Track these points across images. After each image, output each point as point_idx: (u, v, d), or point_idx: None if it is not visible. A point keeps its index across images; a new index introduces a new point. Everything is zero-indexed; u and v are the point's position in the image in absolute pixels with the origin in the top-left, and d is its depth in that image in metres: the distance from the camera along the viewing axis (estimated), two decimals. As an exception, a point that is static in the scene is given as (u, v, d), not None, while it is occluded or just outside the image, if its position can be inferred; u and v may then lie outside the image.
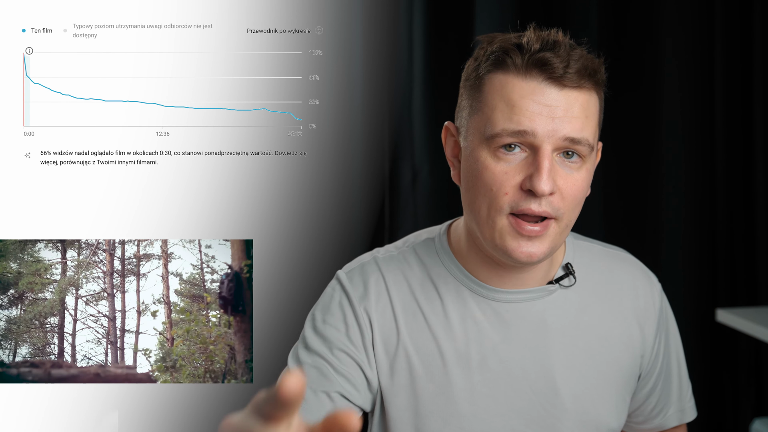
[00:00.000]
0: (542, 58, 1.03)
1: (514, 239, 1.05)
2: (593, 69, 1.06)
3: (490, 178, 1.05)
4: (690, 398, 1.29)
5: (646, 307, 1.21)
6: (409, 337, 1.14)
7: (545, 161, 1.02)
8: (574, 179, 1.05)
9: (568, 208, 1.06)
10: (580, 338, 1.16)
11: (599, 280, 1.19)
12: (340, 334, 1.14)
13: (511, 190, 1.04)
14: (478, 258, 1.14)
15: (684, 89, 2.23)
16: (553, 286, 1.16)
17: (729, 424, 2.30)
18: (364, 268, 1.18)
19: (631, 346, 1.19)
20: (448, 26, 2.13)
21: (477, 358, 1.13)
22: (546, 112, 1.03)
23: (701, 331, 2.26)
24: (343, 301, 1.15)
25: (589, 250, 1.23)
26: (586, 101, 1.06)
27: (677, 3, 2.21)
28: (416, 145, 2.13)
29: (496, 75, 1.06)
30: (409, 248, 1.19)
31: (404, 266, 1.17)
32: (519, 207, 1.04)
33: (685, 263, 2.25)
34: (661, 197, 2.25)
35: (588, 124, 1.05)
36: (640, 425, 1.29)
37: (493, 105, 1.05)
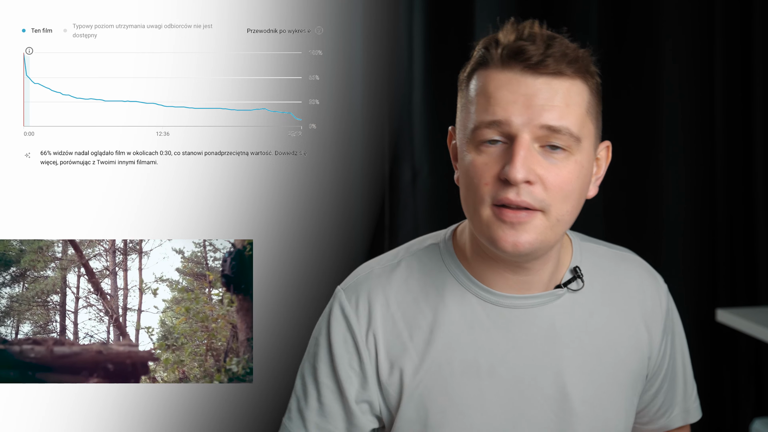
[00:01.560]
0: (517, 47, 1.02)
1: (499, 228, 1.03)
2: (574, 56, 1.03)
3: (473, 171, 1.04)
4: (695, 399, 1.29)
5: (653, 308, 1.20)
6: (415, 350, 1.12)
7: (520, 150, 1.00)
8: (558, 169, 1.02)
9: (554, 200, 1.03)
10: (589, 342, 1.14)
11: (606, 282, 1.18)
12: (351, 382, 1.13)
13: (490, 180, 1.03)
14: (483, 262, 1.12)
15: (684, 89, 2.23)
16: (561, 291, 1.14)
17: (729, 424, 2.30)
18: (365, 285, 1.15)
19: (639, 348, 1.18)
20: (448, 26, 2.13)
21: (486, 366, 1.11)
22: (522, 101, 1.01)
23: (701, 331, 2.26)
24: (347, 336, 1.13)
25: (595, 251, 1.21)
26: (568, 89, 1.03)
27: (677, 3, 2.21)
28: (416, 145, 2.13)
29: (479, 72, 1.06)
30: (412, 256, 1.17)
31: (406, 276, 1.15)
32: (498, 197, 1.02)
33: (685, 263, 2.25)
34: (662, 197, 2.25)
35: (570, 112, 1.02)
36: (644, 426, 1.29)
37: (475, 101, 1.05)
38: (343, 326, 1.13)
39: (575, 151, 1.04)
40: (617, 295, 1.18)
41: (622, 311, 1.18)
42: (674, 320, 1.25)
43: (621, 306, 1.18)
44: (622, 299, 1.18)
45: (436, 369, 1.11)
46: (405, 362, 1.12)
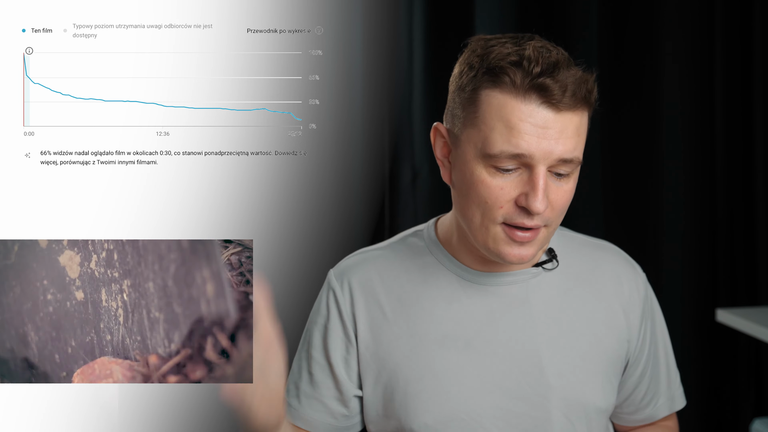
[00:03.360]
0: (542, 84, 1.05)
1: (507, 245, 1.10)
2: (588, 90, 1.08)
3: (486, 191, 1.09)
4: (678, 386, 1.33)
5: (630, 293, 1.25)
6: (395, 323, 1.19)
7: (540, 181, 1.06)
8: (563, 191, 1.10)
9: (556, 216, 1.12)
10: (564, 319, 1.20)
11: (582, 266, 1.24)
12: (337, 350, 1.23)
13: (506, 204, 1.09)
14: (465, 248, 1.19)
15: (684, 90, 2.23)
16: (537, 269, 1.21)
17: (729, 424, 2.30)
18: (351, 265, 1.25)
19: (615, 330, 1.23)
20: (448, 26, 2.13)
21: (463, 339, 1.18)
22: (541, 134, 1.06)
23: (701, 331, 2.26)
24: (332, 309, 1.24)
25: (574, 239, 1.28)
26: (579, 121, 1.09)
27: (677, 4, 2.21)
28: (416, 145, 2.13)
29: (494, 93, 1.07)
30: (398, 241, 1.27)
31: (391, 257, 1.24)
32: (513, 220, 1.09)
33: (685, 263, 2.25)
34: (662, 197, 2.25)
35: (580, 142, 1.09)
36: (631, 415, 1.31)
37: (492, 125, 1.07)
38: (331, 301, 1.24)
39: (576, 170, 1.12)
40: (593, 278, 1.24)
41: (598, 292, 1.23)
42: (654, 307, 1.29)
43: (597, 288, 1.23)
44: (598, 282, 1.24)
45: (416, 341, 1.18)
46: (385, 332, 1.20)
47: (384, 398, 1.20)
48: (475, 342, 1.18)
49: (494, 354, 1.18)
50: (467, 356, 1.17)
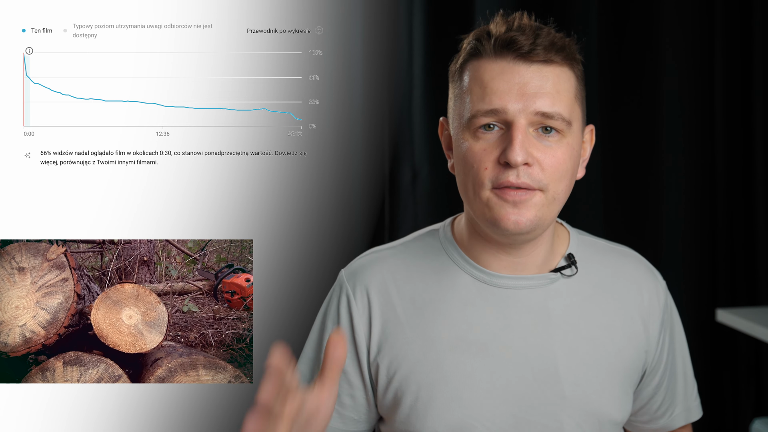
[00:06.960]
0: (508, 38, 1.08)
1: (501, 207, 1.09)
2: (561, 45, 1.09)
3: (472, 157, 1.10)
4: (696, 397, 1.30)
5: (650, 303, 1.22)
6: (408, 325, 1.16)
7: (518, 134, 1.07)
8: (553, 151, 1.09)
9: (551, 180, 1.09)
10: (582, 327, 1.17)
11: (602, 273, 1.21)
12: (348, 363, 1.18)
13: (490, 164, 1.09)
14: (479, 244, 1.17)
15: (684, 90, 2.23)
16: (555, 275, 1.18)
17: (729, 424, 2.30)
18: (365, 265, 1.22)
19: (634, 340, 1.19)
20: (447, 26, 2.13)
21: (477, 343, 1.14)
22: (516, 89, 1.07)
23: (701, 331, 2.26)
24: (344, 311, 1.20)
25: (594, 244, 1.25)
26: (557, 76, 1.09)
27: (677, 4, 2.21)
28: (416, 145, 2.13)
29: (472, 63, 1.11)
30: (413, 240, 1.24)
31: (405, 257, 1.21)
32: (498, 180, 1.08)
33: (685, 263, 2.25)
34: (662, 197, 2.25)
35: (560, 98, 1.09)
36: (645, 424, 1.29)
37: (470, 90, 1.10)
38: (343, 306, 1.19)
39: (567, 133, 1.10)
40: (613, 286, 1.21)
41: (617, 302, 1.20)
42: (673, 317, 1.26)
43: (616, 297, 1.20)
44: (618, 291, 1.21)
45: (428, 345, 1.15)
46: (398, 336, 1.16)
47: (393, 403, 1.17)
48: (490, 347, 1.14)
49: (509, 360, 1.14)
50: (481, 361, 1.13)
